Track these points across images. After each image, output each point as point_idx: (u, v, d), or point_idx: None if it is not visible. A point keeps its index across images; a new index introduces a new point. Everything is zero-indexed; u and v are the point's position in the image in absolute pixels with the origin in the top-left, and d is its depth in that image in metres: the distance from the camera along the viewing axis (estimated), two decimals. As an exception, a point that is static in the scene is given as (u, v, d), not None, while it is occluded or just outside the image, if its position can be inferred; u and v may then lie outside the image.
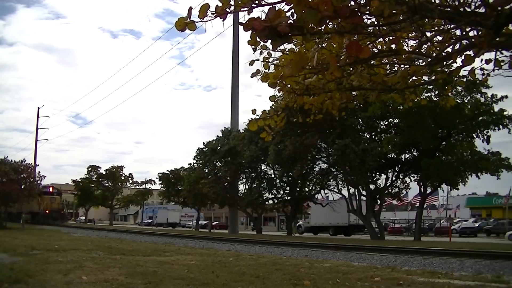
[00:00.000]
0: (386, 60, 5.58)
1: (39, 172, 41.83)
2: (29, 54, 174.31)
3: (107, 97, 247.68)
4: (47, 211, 50.06)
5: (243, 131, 39.69)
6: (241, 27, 3.52)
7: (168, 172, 54.06)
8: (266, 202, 42.94)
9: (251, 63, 5.26)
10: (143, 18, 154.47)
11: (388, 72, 5.76)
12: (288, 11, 3.57)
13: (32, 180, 36.32)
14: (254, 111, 6.69)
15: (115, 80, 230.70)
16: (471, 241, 30.54)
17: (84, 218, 78.33)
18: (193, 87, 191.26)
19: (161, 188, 58.59)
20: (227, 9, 3.57)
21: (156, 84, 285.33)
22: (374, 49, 5.11)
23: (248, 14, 3.61)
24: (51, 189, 54.18)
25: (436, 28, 4.97)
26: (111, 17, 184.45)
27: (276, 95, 6.27)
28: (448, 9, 4.16)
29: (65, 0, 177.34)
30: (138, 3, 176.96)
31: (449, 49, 5.02)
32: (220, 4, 3.57)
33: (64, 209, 55.07)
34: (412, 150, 32.62)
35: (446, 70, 5.76)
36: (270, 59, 5.36)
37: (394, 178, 34.30)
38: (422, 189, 33.26)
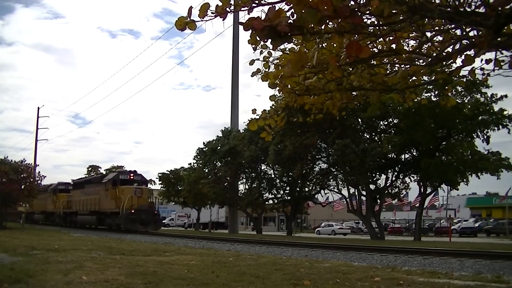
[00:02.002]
0: (387, 60, 5.58)
1: (39, 172, 41.68)
2: (28, 54, 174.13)
3: (107, 97, 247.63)
4: (132, 211, 29.67)
5: (243, 131, 39.72)
6: (241, 27, 3.52)
7: (168, 172, 54.05)
8: (266, 202, 42.95)
9: (251, 62, 5.27)
10: (142, 18, 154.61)
11: (388, 72, 5.76)
12: (288, 10, 3.58)
13: (32, 180, 36.23)
14: (254, 111, 6.72)
15: (114, 80, 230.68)
16: (471, 241, 30.55)
17: None
18: (192, 87, 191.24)
19: (161, 188, 58.56)
20: (227, 9, 3.58)
21: (155, 84, 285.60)
22: (374, 49, 5.12)
23: (248, 14, 3.62)
24: (131, 176, 33.26)
25: (436, 28, 4.97)
26: (109, 17, 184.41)
27: (276, 95, 6.29)
28: (448, 9, 4.16)
29: (64, 0, 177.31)
30: (136, 3, 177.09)
31: (449, 49, 5.03)
32: (220, 4, 3.58)
33: (157, 207, 35.18)
34: (412, 150, 32.64)
35: (446, 70, 5.77)
36: (270, 59, 5.37)
37: (394, 178, 34.32)
38: (422, 189, 33.28)
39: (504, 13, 3.81)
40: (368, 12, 3.92)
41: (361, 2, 3.78)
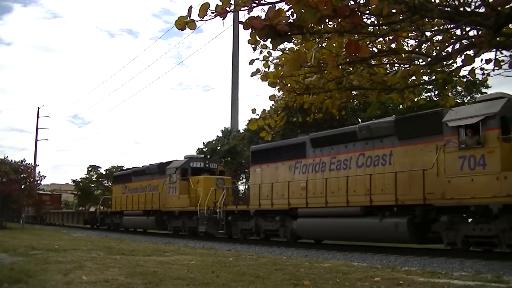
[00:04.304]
0: (386, 60, 5.58)
1: (39, 172, 41.65)
2: (26, 54, 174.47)
3: (106, 97, 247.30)
4: None
5: (243, 131, 39.74)
6: (241, 26, 3.52)
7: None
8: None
9: (251, 62, 5.28)
10: (141, 18, 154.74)
11: (388, 71, 5.77)
12: (288, 10, 3.58)
13: (32, 180, 36.20)
14: (254, 111, 6.72)
15: (114, 80, 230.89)
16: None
17: None
18: (191, 87, 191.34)
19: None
20: (227, 8, 3.58)
21: (154, 84, 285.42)
22: (374, 49, 5.12)
23: (248, 13, 3.62)
24: None
25: (436, 27, 4.98)
26: (108, 16, 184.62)
27: (276, 94, 6.29)
28: (448, 9, 4.16)
29: (62, 0, 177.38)
30: (135, 3, 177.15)
31: (449, 49, 5.03)
32: (220, 3, 3.58)
33: None
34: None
35: (446, 70, 5.77)
36: (270, 58, 5.37)
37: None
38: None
39: (504, 13, 3.81)
40: (367, 11, 3.93)
41: (361, 1, 3.78)
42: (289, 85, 5.40)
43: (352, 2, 3.67)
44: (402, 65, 5.64)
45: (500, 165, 11.53)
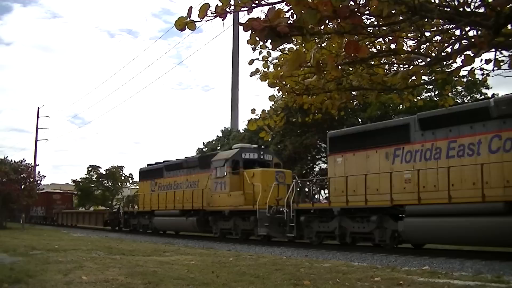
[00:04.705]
0: (385, 60, 5.59)
1: (39, 172, 41.58)
2: (26, 54, 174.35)
3: (106, 97, 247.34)
4: None
5: (242, 131, 39.77)
6: (241, 27, 3.53)
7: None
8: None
9: (251, 62, 5.28)
10: (141, 18, 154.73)
11: (387, 72, 5.77)
12: (287, 11, 3.58)
13: (32, 180, 36.18)
14: (253, 111, 6.71)
15: (114, 80, 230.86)
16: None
17: None
18: (190, 87, 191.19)
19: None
20: (227, 9, 3.58)
21: (154, 84, 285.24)
22: (373, 49, 5.13)
23: (248, 14, 3.62)
24: None
25: (436, 28, 4.98)
26: (108, 16, 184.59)
27: (276, 95, 6.29)
28: (448, 9, 4.17)
29: (62, 0, 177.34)
30: (135, 3, 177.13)
31: (449, 49, 5.03)
32: (220, 4, 3.58)
33: None
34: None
35: (446, 70, 5.78)
36: (269, 59, 5.37)
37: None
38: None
39: (504, 13, 3.81)
40: (367, 12, 3.93)
41: (361, 2, 3.78)
42: (288, 85, 5.41)
43: (352, 3, 3.68)
44: (401, 66, 5.65)
45: None
